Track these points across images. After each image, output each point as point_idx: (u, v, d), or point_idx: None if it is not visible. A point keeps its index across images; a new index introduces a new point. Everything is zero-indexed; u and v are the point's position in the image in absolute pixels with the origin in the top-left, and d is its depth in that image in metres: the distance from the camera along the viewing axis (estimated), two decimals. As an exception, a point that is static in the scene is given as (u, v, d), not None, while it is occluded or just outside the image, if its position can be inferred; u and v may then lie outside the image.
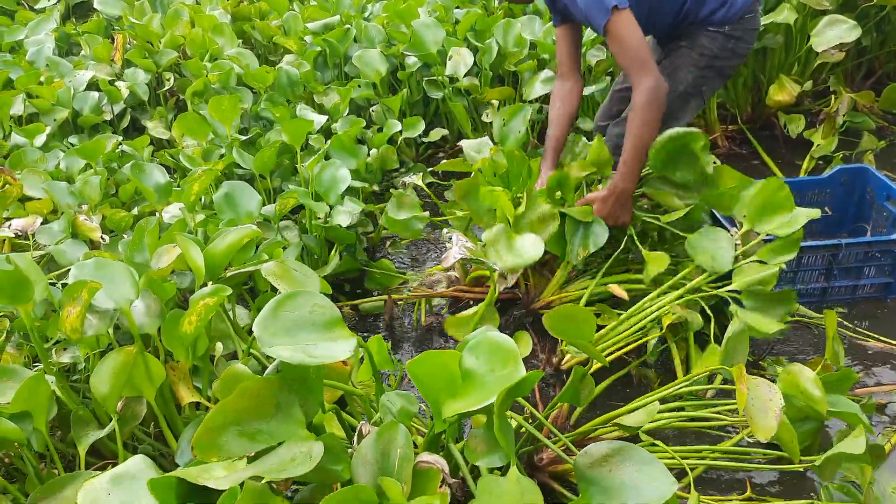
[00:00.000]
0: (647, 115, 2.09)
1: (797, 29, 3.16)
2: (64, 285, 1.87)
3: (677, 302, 2.02)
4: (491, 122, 3.39)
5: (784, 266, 2.01)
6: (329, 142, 2.81)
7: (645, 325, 2.09)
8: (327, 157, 2.72)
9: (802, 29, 3.16)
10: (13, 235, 2.29)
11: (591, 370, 1.92)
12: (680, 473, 1.79)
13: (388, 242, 3.07)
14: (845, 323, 2.44)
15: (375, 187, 3.12)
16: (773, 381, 1.57)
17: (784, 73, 3.24)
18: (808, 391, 1.55)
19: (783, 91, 3.19)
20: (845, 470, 1.62)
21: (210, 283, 1.77)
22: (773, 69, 3.31)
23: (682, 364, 2.16)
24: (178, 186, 2.52)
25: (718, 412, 1.80)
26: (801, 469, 1.80)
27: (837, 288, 2.53)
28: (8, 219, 2.43)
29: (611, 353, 2.12)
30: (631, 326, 2.11)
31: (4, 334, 2.02)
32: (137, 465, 1.31)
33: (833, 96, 3.27)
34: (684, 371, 2.13)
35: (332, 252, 2.56)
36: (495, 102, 3.37)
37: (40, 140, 3.07)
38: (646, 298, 2.11)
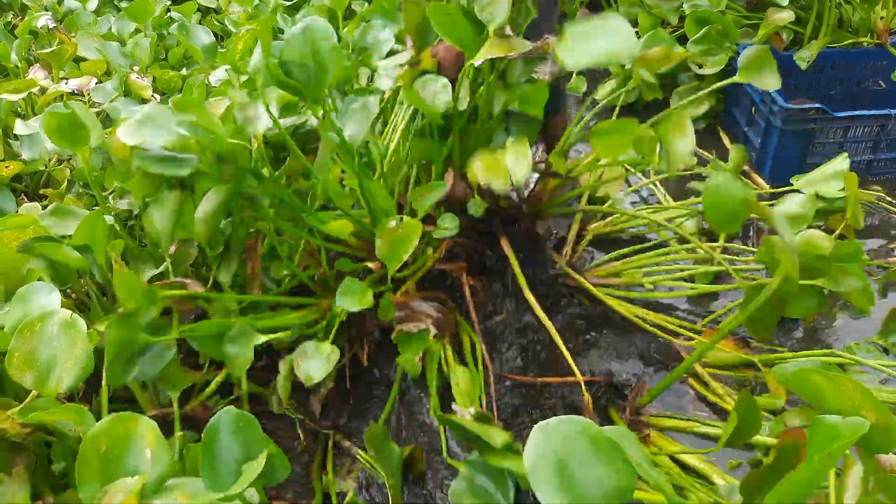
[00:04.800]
0: None
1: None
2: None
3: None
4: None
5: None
6: (370, 5, 2.80)
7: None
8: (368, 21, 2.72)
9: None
10: (70, 91, 2.37)
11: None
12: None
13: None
14: (886, 197, 2.42)
15: (419, 55, 3.11)
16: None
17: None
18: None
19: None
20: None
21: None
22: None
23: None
24: (223, 47, 2.57)
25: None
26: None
27: (884, 161, 2.49)
28: (64, 79, 2.52)
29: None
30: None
31: (65, 183, 2.14)
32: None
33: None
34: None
35: (375, 118, 2.60)
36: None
37: (92, 5, 3.12)
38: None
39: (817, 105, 2.34)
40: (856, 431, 0.92)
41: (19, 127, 2.00)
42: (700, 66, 2.75)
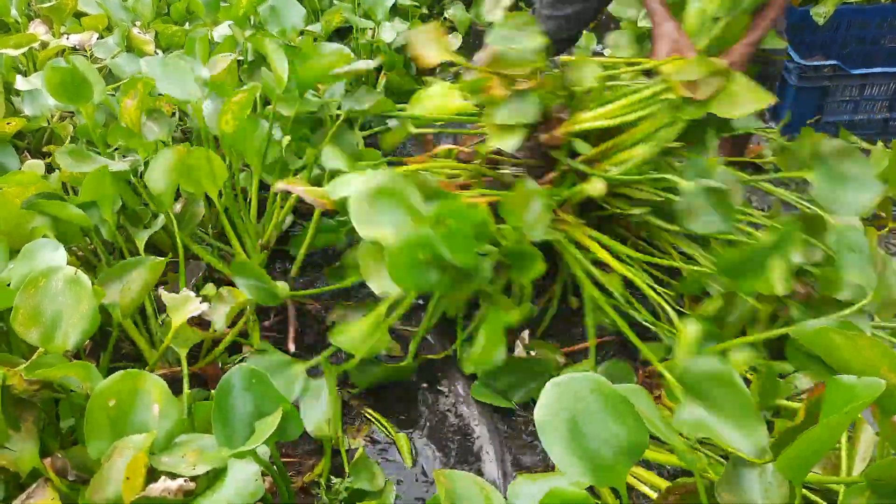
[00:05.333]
0: None
1: None
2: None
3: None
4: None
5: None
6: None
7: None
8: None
9: None
10: (71, 47, 2.34)
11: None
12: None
13: (439, 68, 3.03)
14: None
15: (425, 10, 3.05)
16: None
17: None
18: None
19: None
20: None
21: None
22: None
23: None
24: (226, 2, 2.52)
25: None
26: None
27: (901, 120, 2.45)
28: (65, 34, 2.48)
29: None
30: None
31: (68, 140, 2.11)
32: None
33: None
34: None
35: (380, 76, 2.57)
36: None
37: (91, -41, 3.05)
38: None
39: (833, 62, 2.29)
40: (872, 392, 0.90)
41: (20, 83, 1.96)
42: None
